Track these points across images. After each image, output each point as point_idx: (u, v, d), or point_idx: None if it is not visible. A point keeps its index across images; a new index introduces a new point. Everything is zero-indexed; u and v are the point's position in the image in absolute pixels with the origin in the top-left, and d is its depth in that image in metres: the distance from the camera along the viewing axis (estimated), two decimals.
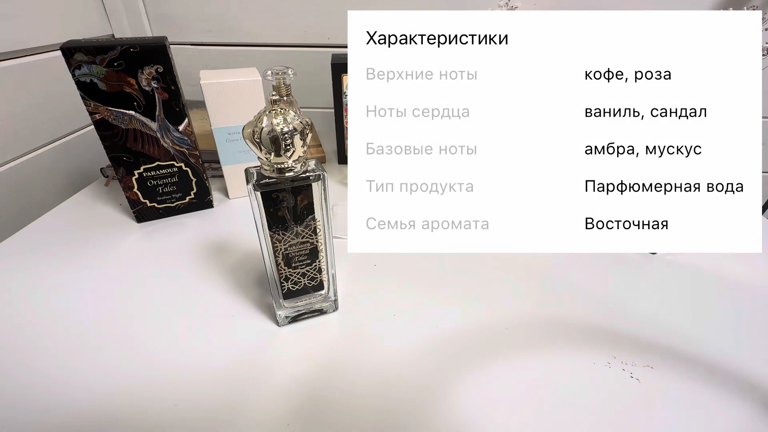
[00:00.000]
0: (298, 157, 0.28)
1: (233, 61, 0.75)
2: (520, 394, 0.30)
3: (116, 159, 0.45)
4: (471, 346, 0.33)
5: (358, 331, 0.35)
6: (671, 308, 0.37)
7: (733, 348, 0.33)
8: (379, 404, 0.29)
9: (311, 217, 0.31)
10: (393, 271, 0.41)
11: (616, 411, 0.29)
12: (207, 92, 0.47)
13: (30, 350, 0.32)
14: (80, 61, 0.39)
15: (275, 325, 0.35)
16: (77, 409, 0.28)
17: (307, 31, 0.72)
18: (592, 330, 0.35)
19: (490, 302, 0.38)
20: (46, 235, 0.46)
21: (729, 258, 0.43)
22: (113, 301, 0.37)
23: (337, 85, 0.57)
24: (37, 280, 0.39)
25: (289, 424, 0.27)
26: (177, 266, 0.42)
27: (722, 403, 0.29)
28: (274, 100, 0.27)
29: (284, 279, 0.33)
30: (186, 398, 0.29)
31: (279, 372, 0.31)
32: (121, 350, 0.33)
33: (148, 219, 0.49)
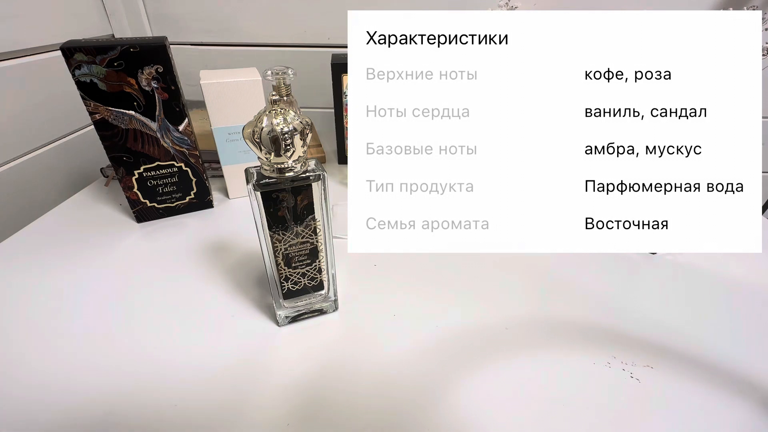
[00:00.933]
0: (298, 157, 0.28)
1: (233, 61, 0.75)
2: (520, 394, 0.30)
3: (116, 159, 0.45)
4: (471, 346, 0.33)
5: (358, 331, 0.35)
6: (671, 308, 0.37)
7: (732, 348, 0.33)
8: (379, 404, 0.29)
9: (311, 217, 0.31)
10: (393, 271, 0.41)
11: (616, 411, 0.29)
12: (207, 92, 0.47)
13: (29, 350, 0.32)
14: (80, 61, 0.39)
15: (275, 325, 0.35)
16: (77, 410, 0.28)
17: (307, 31, 0.72)
18: (592, 330, 0.35)
19: (490, 302, 0.38)
20: (46, 235, 0.46)
21: (729, 258, 0.43)
22: (113, 301, 0.37)
23: (337, 85, 0.57)
24: (37, 280, 0.39)
25: (289, 424, 0.27)
26: (177, 266, 0.42)
27: (722, 403, 0.29)
28: (274, 100, 0.27)
29: (284, 279, 0.33)
30: (186, 398, 0.29)
31: (279, 372, 0.31)
32: (120, 350, 0.33)
33: (148, 219, 0.49)
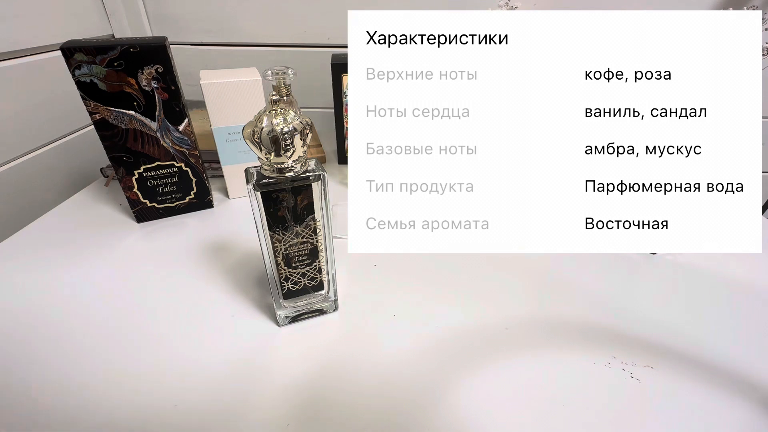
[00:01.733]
0: (298, 157, 0.28)
1: (233, 61, 0.75)
2: (520, 394, 0.30)
3: (116, 159, 0.45)
4: (471, 346, 0.33)
5: (358, 331, 0.35)
6: (671, 308, 0.37)
7: (732, 348, 0.33)
8: (378, 404, 0.29)
9: (311, 217, 0.31)
10: (393, 271, 0.41)
11: (616, 411, 0.29)
12: (207, 92, 0.47)
13: (29, 350, 0.32)
14: (80, 61, 0.39)
15: (275, 325, 0.35)
16: (76, 409, 0.28)
17: (307, 31, 0.72)
18: (592, 330, 0.35)
19: (490, 302, 0.38)
20: (46, 235, 0.46)
21: (729, 258, 0.43)
22: (113, 302, 0.37)
23: (337, 85, 0.57)
24: (37, 280, 0.39)
25: (289, 424, 0.27)
26: (177, 266, 0.42)
27: (722, 403, 0.29)
28: (274, 100, 0.27)
29: (284, 279, 0.33)
30: (186, 398, 0.29)
31: (279, 372, 0.31)
32: (120, 350, 0.33)
33: (148, 219, 0.49)
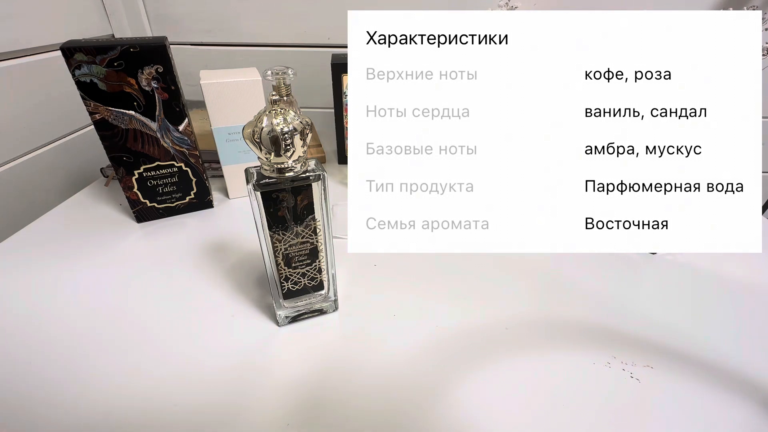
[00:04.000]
0: (298, 157, 0.28)
1: (233, 61, 0.75)
2: (520, 394, 0.30)
3: (116, 159, 0.45)
4: (471, 346, 0.33)
5: (358, 331, 0.35)
6: (671, 308, 0.37)
7: (733, 348, 0.33)
8: (379, 404, 0.29)
9: (311, 217, 0.31)
10: (393, 271, 0.41)
11: (616, 411, 0.29)
12: (207, 92, 0.47)
13: (29, 350, 0.32)
14: (80, 61, 0.39)
15: (275, 325, 0.35)
16: (77, 409, 0.28)
17: (307, 31, 0.72)
18: (592, 330, 0.35)
19: (490, 302, 0.38)
20: (46, 235, 0.46)
21: (729, 258, 0.43)
22: (113, 302, 0.37)
23: (337, 85, 0.57)
24: (37, 280, 0.39)
25: (289, 424, 0.27)
26: (177, 266, 0.42)
27: (722, 403, 0.29)
28: (274, 100, 0.27)
29: (284, 279, 0.33)
30: (185, 398, 0.29)
31: (279, 372, 0.31)
32: (120, 350, 0.32)
33: (148, 219, 0.49)
